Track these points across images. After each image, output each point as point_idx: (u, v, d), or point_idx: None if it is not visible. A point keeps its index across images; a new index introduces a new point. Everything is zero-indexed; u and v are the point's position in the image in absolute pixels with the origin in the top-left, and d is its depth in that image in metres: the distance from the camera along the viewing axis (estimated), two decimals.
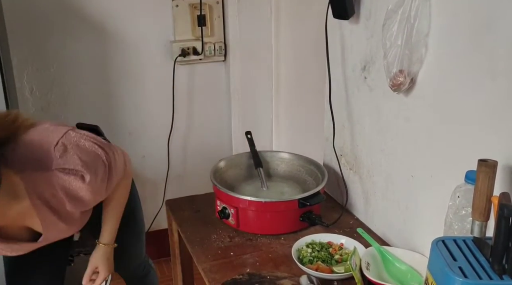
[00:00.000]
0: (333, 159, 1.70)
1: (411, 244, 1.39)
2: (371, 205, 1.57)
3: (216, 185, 1.57)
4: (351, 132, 1.62)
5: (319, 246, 1.43)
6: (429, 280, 0.97)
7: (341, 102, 1.64)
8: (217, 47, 2.51)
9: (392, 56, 1.26)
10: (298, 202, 1.50)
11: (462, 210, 1.08)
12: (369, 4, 1.43)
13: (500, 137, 1.06)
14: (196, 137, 2.63)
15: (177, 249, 1.75)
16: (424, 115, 1.28)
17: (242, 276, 1.30)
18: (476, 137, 1.12)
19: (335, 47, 1.61)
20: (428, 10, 1.20)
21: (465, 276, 0.89)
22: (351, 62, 1.56)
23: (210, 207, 1.63)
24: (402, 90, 1.29)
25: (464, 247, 0.98)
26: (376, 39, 1.40)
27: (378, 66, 1.42)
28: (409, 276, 1.30)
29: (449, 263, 0.92)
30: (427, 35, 1.21)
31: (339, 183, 1.71)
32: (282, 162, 1.81)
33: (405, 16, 1.22)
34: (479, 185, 0.97)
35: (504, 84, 1.03)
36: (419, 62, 1.24)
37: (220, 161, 1.75)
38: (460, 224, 1.09)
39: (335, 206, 1.71)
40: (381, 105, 1.45)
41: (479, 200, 0.97)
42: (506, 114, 1.04)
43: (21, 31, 2.16)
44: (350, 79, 1.58)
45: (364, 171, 1.58)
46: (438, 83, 1.22)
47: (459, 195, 1.09)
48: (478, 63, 1.09)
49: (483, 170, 0.96)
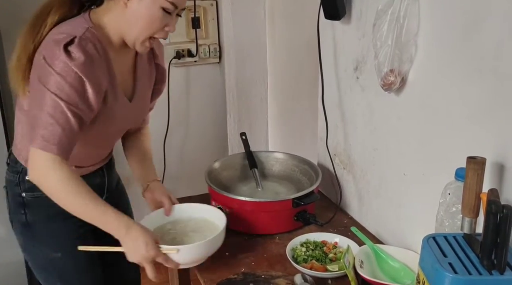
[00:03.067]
0: (326, 159, 1.71)
1: (404, 241, 1.40)
2: (364, 204, 1.59)
3: (210, 186, 1.58)
4: (344, 131, 1.63)
5: (314, 245, 1.44)
6: (421, 276, 0.98)
7: (334, 102, 1.65)
8: (212, 49, 2.52)
9: (383, 56, 1.28)
10: (292, 202, 1.51)
11: (452, 207, 1.10)
12: (360, 5, 1.44)
13: (489, 134, 1.07)
14: (192, 138, 2.64)
15: None
16: (415, 113, 1.30)
17: (237, 276, 1.31)
18: (466, 134, 1.14)
19: (328, 48, 1.63)
20: (417, 10, 1.21)
21: (455, 272, 0.90)
22: (343, 62, 1.58)
23: None
24: (393, 89, 1.30)
25: (454, 244, 0.99)
26: (367, 39, 1.42)
27: (369, 66, 1.43)
28: (403, 274, 1.31)
29: (439, 260, 0.93)
30: (416, 35, 1.23)
31: (333, 182, 1.72)
32: (276, 162, 1.82)
33: (394, 16, 1.23)
34: (468, 182, 0.98)
35: (492, 82, 1.05)
36: (409, 61, 1.26)
37: (215, 162, 1.76)
38: (451, 221, 1.10)
39: (329, 205, 1.72)
40: (373, 105, 1.46)
41: (469, 197, 0.99)
42: (494, 111, 1.06)
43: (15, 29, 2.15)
44: (343, 79, 1.59)
45: (357, 170, 1.59)
46: (428, 82, 1.23)
47: (450, 192, 1.10)
48: (467, 61, 1.10)
49: (471, 167, 0.97)
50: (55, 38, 1.21)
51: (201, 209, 1.48)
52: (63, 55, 1.18)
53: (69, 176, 1.21)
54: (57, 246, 1.43)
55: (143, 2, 1.24)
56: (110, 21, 1.29)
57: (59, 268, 1.45)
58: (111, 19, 1.29)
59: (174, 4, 1.26)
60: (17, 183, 1.40)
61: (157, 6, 1.25)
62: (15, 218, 1.44)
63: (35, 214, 1.40)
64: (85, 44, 1.21)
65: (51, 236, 1.42)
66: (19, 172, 1.40)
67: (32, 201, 1.39)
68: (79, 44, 1.20)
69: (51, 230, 1.41)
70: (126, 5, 1.26)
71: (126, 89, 1.40)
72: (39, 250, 1.44)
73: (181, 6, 1.29)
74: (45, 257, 1.44)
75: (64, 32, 1.22)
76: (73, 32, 1.21)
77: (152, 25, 1.27)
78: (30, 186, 1.33)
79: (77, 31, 1.22)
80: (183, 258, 1.28)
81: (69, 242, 1.41)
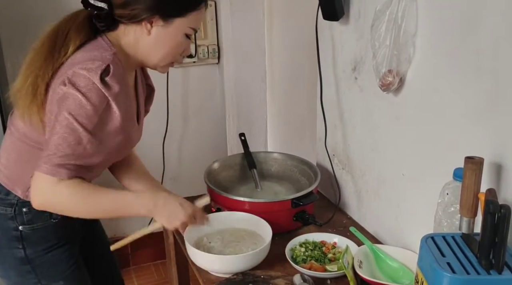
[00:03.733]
0: (325, 159, 1.71)
1: (403, 241, 1.41)
2: (363, 204, 1.59)
3: (210, 186, 1.58)
4: (342, 132, 1.64)
5: (313, 245, 1.44)
6: (419, 276, 0.99)
7: (332, 103, 1.65)
8: (211, 49, 2.52)
9: (381, 57, 1.28)
10: (291, 202, 1.51)
11: (451, 207, 1.10)
12: (358, 5, 1.45)
13: (487, 134, 1.08)
14: (191, 139, 2.65)
15: (172, 251, 1.76)
16: (413, 114, 1.30)
17: (236, 276, 1.31)
18: (464, 134, 1.14)
19: (326, 48, 1.63)
20: (415, 10, 1.22)
21: (454, 271, 0.90)
22: (341, 63, 1.58)
23: (205, 208, 1.64)
24: (391, 89, 1.31)
25: (452, 243, 0.99)
26: (366, 40, 1.42)
27: (368, 67, 1.43)
28: (401, 273, 1.31)
29: (437, 259, 0.94)
30: (414, 35, 1.23)
31: (331, 182, 1.72)
32: (275, 163, 1.82)
33: (392, 17, 1.24)
34: (466, 182, 0.99)
35: (490, 83, 1.05)
36: (407, 62, 1.26)
37: (214, 163, 1.76)
38: (449, 221, 1.11)
39: (328, 205, 1.72)
40: (371, 105, 1.47)
41: (467, 196, 0.99)
42: (492, 112, 1.06)
43: (15, 36, 2.16)
44: (341, 80, 1.59)
45: (356, 170, 1.60)
46: (426, 82, 1.24)
47: (448, 192, 1.11)
48: (465, 62, 1.11)
49: (469, 167, 0.98)
50: (88, 67, 1.15)
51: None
52: (100, 85, 1.15)
53: (76, 185, 1.18)
54: (57, 275, 1.38)
55: (167, 30, 1.23)
56: (128, 45, 1.26)
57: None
58: (129, 44, 1.25)
59: (195, 29, 1.28)
60: (12, 216, 1.31)
61: (181, 33, 1.25)
62: (8, 254, 1.34)
63: (35, 247, 1.33)
64: (118, 72, 1.18)
65: (51, 265, 1.37)
66: (13, 205, 1.31)
67: (31, 233, 1.32)
68: (114, 73, 1.17)
69: (51, 259, 1.36)
70: (149, 33, 1.23)
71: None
72: (40, 283, 1.37)
73: (198, 28, 1.31)
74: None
75: (95, 59, 1.17)
76: (104, 60, 1.17)
77: (175, 51, 1.28)
78: (29, 219, 1.30)
79: (107, 58, 1.18)
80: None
81: (69, 268, 1.39)
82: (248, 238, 1.45)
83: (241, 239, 1.44)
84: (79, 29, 1.22)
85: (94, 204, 1.23)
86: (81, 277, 1.43)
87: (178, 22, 1.23)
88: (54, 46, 1.21)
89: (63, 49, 1.20)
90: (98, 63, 1.16)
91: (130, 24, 1.23)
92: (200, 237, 1.43)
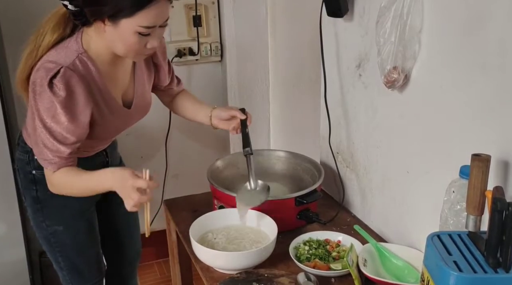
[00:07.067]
0: (329, 157, 1.70)
1: (407, 240, 1.40)
2: (367, 202, 1.58)
3: (213, 185, 1.57)
4: (346, 129, 1.62)
5: (317, 243, 1.43)
6: (425, 275, 0.98)
7: (336, 100, 1.64)
8: (213, 47, 2.51)
9: (386, 53, 1.27)
10: (295, 200, 1.50)
11: (457, 205, 1.09)
12: (363, 2, 1.43)
13: (493, 131, 1.07)
14: (193, 137, 2.64)
15: (175, 249, 1.75)
16: (418, 111, 1.29)
17: (239, 275, 1.30)
18: (470, 131, 1.13)
19: (330, 45, 1.62)
20: (420, 6, 1.20)
21: (460, 270, 0.90)
22: (346, 60, 1.57)
23: (208, 207, 1.63)
24: (396, 86, 1.30)
25: (459, 242, 0.98)
26: (370, 37, 1.41)
27: (372, 63, 1.42)
28: (406, 272, 1.30)
29: (444, 258, 0.93)
30: (420, 32, 1.22)
31: (335, 180, 1.71)
32: (279, 161, 1.81)
33: (398, 13, 1.23)
34: (472, 180, 0.97)
35: (496, 79, 1.04)
36: (413, 58, 1.25)
37: (217, 161, 1.75)
38: (455, 219, 1.09)
39: (332, 203, 1.71)
40: (376, 102, 1.45)
41: (473, 194, 0.98)
42: (499, 108, 1.05)
43: (16, 33, 2.15)
44: (345, 77, 1.58)
45: (360, 168, 1.59)
46: (432, 79, 1.23)
47: (454, 190, 1.10)
48: (471, 58, 1.10)
49: (476, 164, 0.96)
50: (46, 66, 1.30)
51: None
52: (48, 90, 1.28)
53: (63, 176, 1.37)
54: (60, 220, 1.57)
55: (117, 30, 1.28)
56: (100, 40, 1.35)
57: (60, 240, 1.59)
58: (100, 38, 1.34)
59: (149, 27, 1.28)
60: (27, 161, 1.53)
61: (131, 32, 1.27)
62: (26, 193, 1.58)
63: (45, 190, 1.46)
64: (69, 76, 1.30)
65: (56, 210, 1.56)
66: (28, 152, 1.52)
67: (42, 178, 1.46)
68: (62, 77, 1.29)
69: (57, 204, 1.54)
70: (104, 30, 1.30)
71: (128, 92, 1.51)
72: (45, 222, 1.57)
73: (159, 23, 1.30)
74: (49, 230, 1.58)
75: (54, 61, 1.31)
76: (62, 61, 1.31)
77: (134, 47, 1.32)
78: (39, 164, 1.43)
79: (66, 60, 1.31)
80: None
81: (71, 217, 1.58)
82: (253, 235, 1.44)
83: (246, 236, 1.44)
84: (56, 26, 1.37)
85: (80, 188, 1.41)
86: (82, 229, 1.61)
87: (125, 23, 1.26)
88: (36, 41, 1.37)
89: (41, 45, 1.36)
90: (53, 65, 1.30)
91: (95, 22, 1.31)
92: (205, 233, 1.45)
